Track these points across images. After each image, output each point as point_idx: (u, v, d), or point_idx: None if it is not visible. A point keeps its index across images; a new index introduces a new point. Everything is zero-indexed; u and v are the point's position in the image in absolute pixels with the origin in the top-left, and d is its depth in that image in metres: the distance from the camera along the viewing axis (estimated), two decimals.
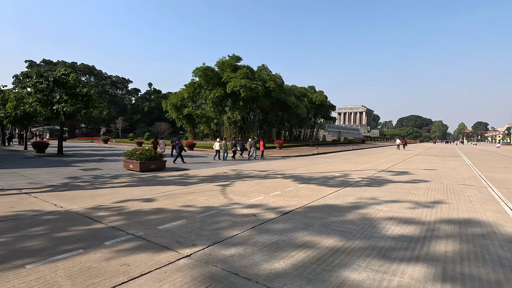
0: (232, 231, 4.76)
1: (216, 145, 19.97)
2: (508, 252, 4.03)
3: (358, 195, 7.98)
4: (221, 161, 19.05)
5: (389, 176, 12.14)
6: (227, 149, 20.20)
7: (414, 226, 5.18)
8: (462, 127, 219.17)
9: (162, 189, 8.52)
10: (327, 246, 4.15)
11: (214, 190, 8.47)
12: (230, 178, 11.13)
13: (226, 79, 38.36)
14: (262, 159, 21.09)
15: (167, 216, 5.61)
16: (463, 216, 5.97)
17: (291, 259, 3.70)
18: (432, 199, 7.60)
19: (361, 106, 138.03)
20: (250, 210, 6.23)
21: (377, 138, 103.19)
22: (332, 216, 5.83)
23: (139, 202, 6.78)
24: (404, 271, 3.40)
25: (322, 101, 56.73)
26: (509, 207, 6.80)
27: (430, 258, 3.77)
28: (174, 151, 20.91)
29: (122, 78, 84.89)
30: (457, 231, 4.97)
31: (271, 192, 8.32)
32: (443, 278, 3.22)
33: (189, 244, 4.17)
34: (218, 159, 19.69)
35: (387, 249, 4.08)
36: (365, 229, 4.97)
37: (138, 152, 13.03)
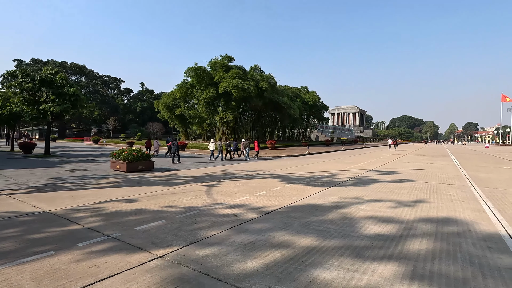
0: (210, 231, 4.73)
1: (211, 146, 20.12)
2: (479, 250, 4.09)
3: (342, 195, 8.03)
4: (216, 161, 19.13)
5: (376, 176, 12.25)
6: (222, 149, 20.26)
7: (392, 225, 5.23)
8: (453, 127, 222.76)
9: (147, 190, 8.44)
10: (303, 246, 4.16)
11: (199, 191, 8.43)
12: (217, 178, 11.09)
13: (218, 79, 38.27)
14: (257, 159, 21.23)
15: (146, 217, 5.56)
16: (442, 215, 6.05)
17: (265, 258, 3.69)
18: (414, 198, 7.69)
19: (354, 106, 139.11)
20: (232, 210, 6.21)
21: (370, 139, 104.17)
22: (313, 215, 5.85)
23: (121, 203, 6.70)
24: (375, 269, 3.42)
25: (314, 101, 57.03)
26: (488, 206, 6.93)
27: (403, 257, 3.81)
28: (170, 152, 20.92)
29: (114, 78, 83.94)
30: (434, 229, 5.03)
31: (256, 192, 8.31)
32: (412, 277, 3.26)
33: (164, 244, 4.13)
34: (213, 159, 19.78)
35: (362, 248, 4.11)
36: (344, 228, 4.99)
37: (125, 152, 12.89)
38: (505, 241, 4.47)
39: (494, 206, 6.89)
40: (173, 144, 17.28)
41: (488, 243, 4.37)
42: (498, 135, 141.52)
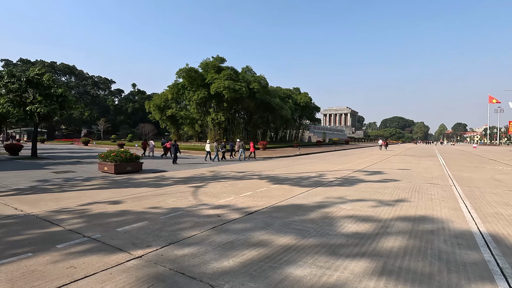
0: (191, 232, 4.80)
1: (207, 147, 20.36)
2: (449, 247, 4.26)
3: (326, 195, 8.17)
4: (211, 162, 19.35)
5: (362, 176, 12.47)
6: (218, 150, 20.52)
7: (370, 224, 5.38)
8: (443, 128, 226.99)
9: (133, 191, 8.44)
10: (281, 244, 4.26)
11: (186, 192, 8.46)
12: (205, 179, 11.14)
13: (210, 80, 38.25)
14: (251, 160, 21.47)
15: (130, 218, 5.58)
16: (419, 213, 6.24)
17: (242, 257, 3.78)
18: (396, 198, 7.88)
19: (346, 107, 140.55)
20: (216, 211, 6.28)
21: (361, 139, 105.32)
22: (295, 215, 5.96)
23: (105, 205, 6.70)
24: (346, 266, 3.54)
25: (306, 102, 57.47)
26: (465, 204, 7.16)
27: (375, 254, 3.95)
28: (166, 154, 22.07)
29: (104, 79, 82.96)
30: (410, 227, 5.20)
31: (242, 193, 8.40)
32: (381, 272, 3.39)
33: (144, 245, 4.18)
34: (209, 160, 19.98)
35: (337, 246, 4.24)
36: (323, 227, 5.12)
37: (113, 154, 12.82)
38: (475, 238, 4.66)
39: (471, 205, 7.12)
40: (173, 146, 17.85)
41: (458, 240, 4.55)
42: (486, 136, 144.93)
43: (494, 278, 3.29)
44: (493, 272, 3.45)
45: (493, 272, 3.45)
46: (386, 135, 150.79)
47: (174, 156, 17.70)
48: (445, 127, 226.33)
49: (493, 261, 3.77)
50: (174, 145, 17.94)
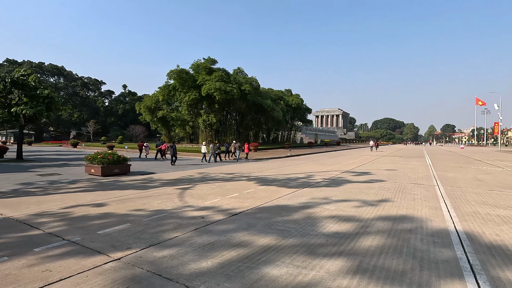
0: (173, 234, 4.80)
1: (203, 148, 20.66)
2: (425, 245, 4.38)
3: (312, 196, 8.26)
4: (207, 163, 19.68)
5: (350, 177, 12.64)
6: (214, 152, 20.82)
7: (351, 224, 5.47)
8: (432, 129, 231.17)
9: (118, 194, 8.37)
10: (261, 245, 4.31)
11: (172, 194, 8.44)
12: (193, 181, 11.11)
13: (201, 81, 38.17)
14: (242, 161, 21.65)
15: (112, 221, 5.55)
16: (401, 213, 6.38)
17: (221, 258, 3.81)
18: (379, 198, 8.03)
19: (337, 109, 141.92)
20: (200, 212, 6.29)
21: (353, 140, 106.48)
22: (279, 216, 6.02)
23: (88, 207, 6.63)
24: (323, 265, 3.61)
25: (298, 104, 57.83)
26: (446, 204, 7.35)
27: (353, 253, 4.03)
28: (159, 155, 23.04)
29: (94, 80, 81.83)
30: (389, 227, 5.31)
31: (229, 194, 8.42)
32: (355, 271, 3.47)
33: (124, 247, 4.17)
34: (205, 162, 20.38)
35: (316, 245, 4.30)
36: (305, 228, 5.19)
37: (99, 156, 12.68)
38: (450, 236, 4.79)
39: (451, 204, 7.31)
40: (171, 148, 18.37)
41: (434, 238, 4.67)
42: (473, 136, 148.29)
43: (463, 275, 3.40)
44: (463, 269, 3.56)
45: (463, 269, 3.56)
46: (377, 136, 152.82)
47: (172, 157, 18.22)
48: (434, 128, 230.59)
49: (465, 258, 3.89)
50: (172, 147, 18.40)
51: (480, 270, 3.52)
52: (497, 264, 3.71)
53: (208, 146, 21.03)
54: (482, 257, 3.93)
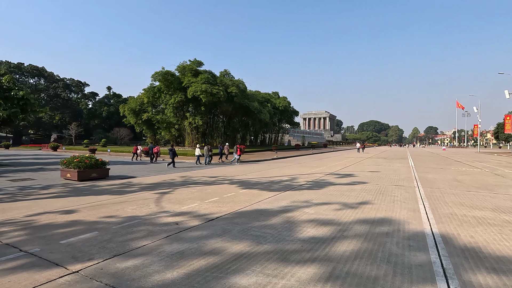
0: (142, 242, 4.55)
1: (197, 151, 21.02)
2: (400, 249, 4.31)
3: (293, 199, 8.15)
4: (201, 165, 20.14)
5: (333, 179, 12.64)
6: (208, 154, 21.05)
7: (329, 227, 5.37)
8: (416, 131, 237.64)
9: (92, 199, 8.00)
10: (233, 252, 4.13)
11: (149, 199, 8.14)
12: (174, 185, 10.81)
13: (187, 84, 37.69)
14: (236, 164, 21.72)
15: (79, 229, 5.23)
16: (379, 215, 6.34)
17: (188, 267, 3.60)
18: (360, 200, 8.00)
19: (324, 111, 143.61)
20: (176, 218, 6.05)
21: (340, 142, 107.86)
22: (257, 221, 5.86)
23: (56, 215, 6.26)
24: (294, 273, 3.46)
25: (285, 106, 58.06)
26: (424, 205, 7.38)
27: (327, 259, 3.91)
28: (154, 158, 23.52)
29: (77, 81, 79.57)
30: (367, 230, 5.24)
31: (208, 198, 8.20)
32: (327, 278, 3.34)
33: (85, 258, 3.89)
34: (200, 164, 20.88)
35: (290, 252, 4.16)
36: (281, 233, 5.04)
37: (76, 160, 12.18)
38: (426, 239, 4.76)
39: (429, 206, 7.35)
40: (170, 151, 18.97)
41: (410, 242, 4.62)
42: (455, 138, 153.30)
43: (436, 280, 3.33)
44: (436, 273, 3.50)
45: (436, 273, 3.50)
46: (363, 138, 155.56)
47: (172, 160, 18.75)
48: (418, 131, 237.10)
49: (439, 262, 3.84)
50: (171, 150, 19.03)
51: (453, 275, 3.47)
52: (469, 268, 3.67)
53: (202, 149, 21.46)
54: (455, 261, 3.89)
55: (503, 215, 6.41)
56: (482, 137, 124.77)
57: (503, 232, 5.20)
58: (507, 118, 44.49)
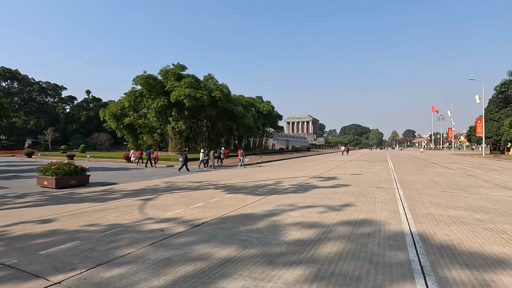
0: (126, 250, 4.47)
1: (201, 155, 22.31)
2: (381, 249, 4.49)
3: (279, 202, 8.25)
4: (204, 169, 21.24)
5: (317, 182, 12.88)
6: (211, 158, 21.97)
7: (314, 230, 5.50)
8: (395, 134, 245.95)
9: (72, 208, 7.73)
10: (220, 257, 4.15)
11: (132, 206, 7.97)
12: (158, 191, 10.64)
13: (170, 88, 37.26)
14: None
15: (59, 239, 5.06)
16: (361, 217, 6.55)
17: (175, 274, 3.59)
18: (343, 202, 8.22)
19: (307, 115, 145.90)
20: (160, 225, 5.97)
21: (322, 146, 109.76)
22: (243, 225, 5.89)
23: (34, 224, 6.02)
24: (281, 276, 3.54)
25: (269, 111, 58.58)
26: (403, 206, 7.70)
27: (312, 261, 4.01)
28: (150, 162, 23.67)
29: (54, 85, 76.56)
30: (350, 232, 5.41)
31: (193, 204, 8.14)
32: (313, 279, 3.43)
33: (67, 269, 3.78)
34: (203, 167, 22.02)
35: (277, 255, 4.23)
36: (267, 237, 5.11)
37: (54, 166, 11.73)
38: (405, 239, 4.98)
39: (408, 206, 7.67)
40: (184, 155, 19.50)
41: (390, 242, 4.82)
42: (431, 141, 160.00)
43: (414, 277, 3.51)
44: (415, 271, 3.68)
45: (414, 271, 3.68)
46: (345, 142, 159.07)
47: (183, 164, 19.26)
48: (397, 134, 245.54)
49: (417, 260, 4.04)
50: (184, 154, 19.73)
51: (430, 272, 3.66)
52: (445, 264, 3.89)
53: (204, 152, 22.38)
54: (432, 258, 4.10)
55: (475, 214, 6.80)
56: (456, 139, 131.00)
57: (475, 230, 5.52)
58: (478, 121, 47.05)
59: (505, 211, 7.10)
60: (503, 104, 50.06)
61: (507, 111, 47.28)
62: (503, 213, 6.88)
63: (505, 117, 46.13)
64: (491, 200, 8.54)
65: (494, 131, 48.99)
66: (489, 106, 51.90)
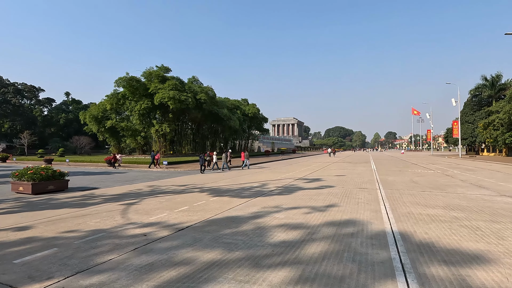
0: (107, 256, 4.34)
1: (214, 158, 23.66)
2: (364, 248, 4.59)
3: (264, 205, 8.26)
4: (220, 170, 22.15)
5: (302, 184, 13.01)
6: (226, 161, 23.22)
7: (298, 231, 5.54)
8: (377, 136, 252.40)
9: (49, 214, 7.43)
10: (205, 261, 4.10)
11: (114, 210, 7.76)
12: (141, 195, 10.41)
13: (153, 90, 36.68)
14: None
15: (35, 246, 4.85)
16: (345, 217, 6.67)
17: (158, 279, 3.52)
18: (327, 203, 8.34)
19: (293, 118, 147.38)
20: (144, 229, 5.84)
21: (308, 148, 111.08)
22: (228, 228, 5.86)
23: (8, 232, 5.73)
24: (266, 278, 3.54)
25: (254, 113, 58.72)
26: (385, 206, 7.90)
27: (297, 262, 4.04)
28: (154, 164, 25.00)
29: (30, 86, 73.55)
30: (334, 232, 5.49)
31: (178, 208, 8.02)
32: (297, 280, 3.46)
33: (44, 277, 3.63)
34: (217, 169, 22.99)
35: (262, 257, 4.24)
36: (252, 239, 5.10)
37: (30, 171, 11.23)
38: (387, 238, 5.11)
39: (389, 206, 7.89)
40: (200, 158, 20.69)
41: (373, 241, 4.93)
42: (411, 142, 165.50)
43: (395, 274, 3.60)
44: (396, 268, 3.78)
45: (395, 268, 3.78)
46: (329, 144, 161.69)
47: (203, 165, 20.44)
48: (379, 136, 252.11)
49: (398, 258, 4.15)
50: (226, 154, 21.67)
51: (410, 269, 3.77)
52: (424, 261, 4.02)
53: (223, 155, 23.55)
54: (412, 256, 4.23)
55: (452, 212, 7.08)
56: (434, 141, 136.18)
57: (452, 227, 5.75)
58: (455, 123, 49.12)
59: (479, 209, 7.44)
60: (477, 107, 52.62)
61: (481, 113, 49.67)
62: (478, 211, 7.21)
63: (479, 120, 48.44)
64: (466, 199, 8.92)
65: (469, 133, 51.31)
66: (465, 109, 54.37)
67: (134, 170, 23.30)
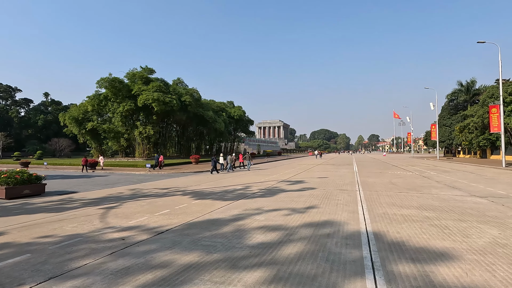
0: (83, 261, 4.29)
1: (221, 159, 24.59)
2: (338, 248, 4.76)
3: (246, 207, 8.35)
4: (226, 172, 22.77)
5: (285, 186, 13.19)
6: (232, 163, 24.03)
7: (277, 233, 5.66)
8: (361, 139, 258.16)
9: (24, 219, 7.21)
10: (182, 264, 4.14)
11: (93, 215, 7.62)
12: (122, 199, 10.24)
13: (137, 91, 36.08)
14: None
15: (7, 253, 4.71)
16: (323, 218, 6.86)
17: (134, 283, 3.53)
18: (308, 205, 8.52)
19: (278, 121, 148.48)
20: (122, 233, 5.79)
21: (293, 150, 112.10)
22: (208, 231, 5.90)
23: None
24: (241, 279, 3.62)
25: (240, 115, 58.79)
26: (362, 207, 8.17)
27: (273, 262, 4.15)
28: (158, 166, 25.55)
29: (6, 86, 70.51)
30: (311, 233, 5.65)
31: (159, 211, 7.97)
32: (271, 280, 3.56)
33: (15, 284, 3.55)
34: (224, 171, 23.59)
35: (239, 258, 4.32)
36: (231, 241, 5.18)
37: (4, 175, 10.83)
38: (361, 237, 5.31)
39: (367, 207, 8.16)
40: (212, 160, 21.58)
41: (348, 241, 5.12)
42: (393, 145, 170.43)
43: (365, 272, 3.78)
44: (366, 267, 3.96)
45: (365, 267, 3.96)
46: (315, 146, 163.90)
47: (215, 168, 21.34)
48: (362, 138, 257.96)
49: (369, 257, 4.34)
50: (213, 159, 21.71)
51: (379, 267, 3.96)
52: (393, 260, 4.23)
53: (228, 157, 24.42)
54: (383, 254, 4.43)
55: (425, 212, 7.42)
56: (415, 143, 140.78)
57: (422, 226, 6.04)
58: (433, 127, 51.09)
59: (450, 209, 7.83)
60: (453, 111, 54.98)
61: (457, 117, 51.91)
62: (448, 211, 7.59)
63: (455, 123, 50.60)
64: (439, 199, 9.35)
65: (446, 136, 53.50)
66: (442, 113, 56.69)
67: (116, 173, 22.81)
